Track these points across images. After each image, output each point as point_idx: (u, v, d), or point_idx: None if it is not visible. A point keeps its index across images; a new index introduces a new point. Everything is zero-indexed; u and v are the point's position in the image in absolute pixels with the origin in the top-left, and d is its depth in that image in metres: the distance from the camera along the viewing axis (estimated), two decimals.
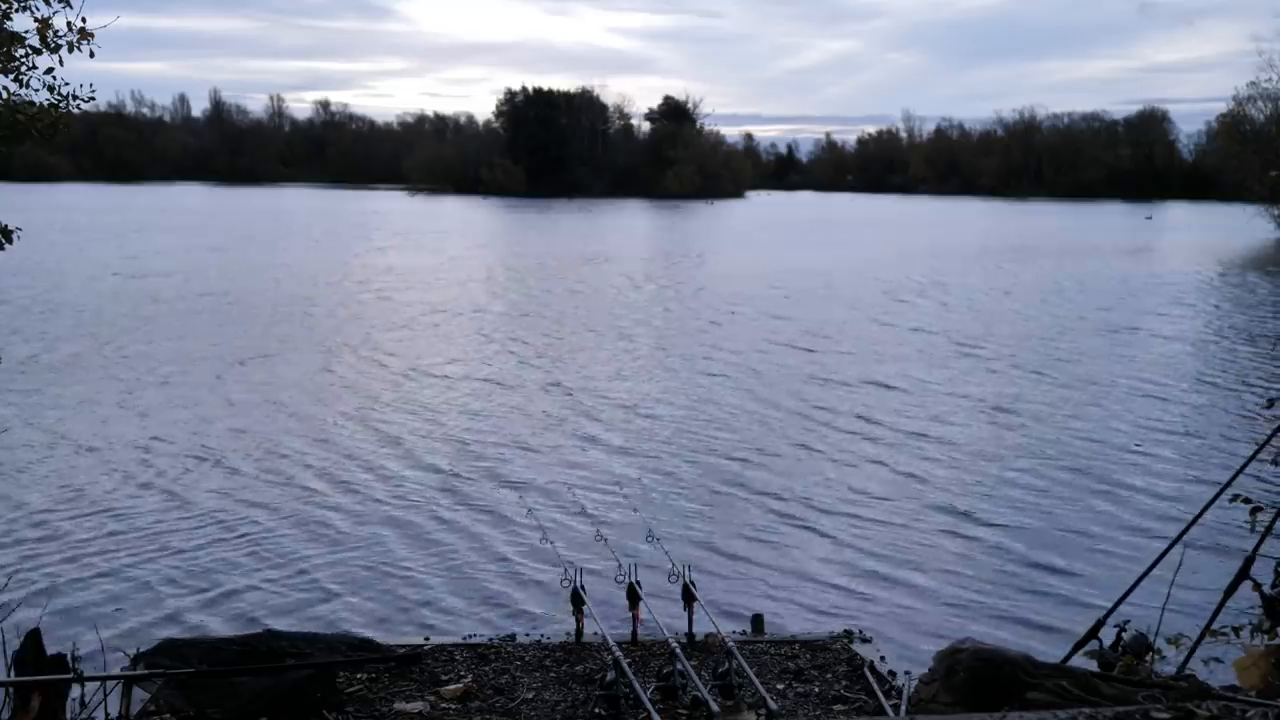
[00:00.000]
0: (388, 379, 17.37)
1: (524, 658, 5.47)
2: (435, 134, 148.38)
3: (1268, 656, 4.11)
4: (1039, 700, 3.74)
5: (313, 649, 5.15)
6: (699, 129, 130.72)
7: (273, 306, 25.77)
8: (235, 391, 16.05)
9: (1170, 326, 24.88)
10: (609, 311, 26.29)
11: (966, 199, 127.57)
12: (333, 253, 42.00)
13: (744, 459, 12.69)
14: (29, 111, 5.80)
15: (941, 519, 10.57)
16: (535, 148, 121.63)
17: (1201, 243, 57.24)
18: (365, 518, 10.34)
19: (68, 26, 5.63)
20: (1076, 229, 69.51)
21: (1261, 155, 58.06)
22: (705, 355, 20.01)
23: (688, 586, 5.69)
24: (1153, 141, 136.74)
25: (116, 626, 7.57)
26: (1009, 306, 28.13)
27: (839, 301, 28.71)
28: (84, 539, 9.56)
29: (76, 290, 27.63)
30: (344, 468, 12.07)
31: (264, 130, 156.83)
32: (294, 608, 8.20)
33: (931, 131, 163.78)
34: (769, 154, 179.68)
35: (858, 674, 5.27)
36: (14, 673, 4.26)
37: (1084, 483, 11.83)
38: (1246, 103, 64.26)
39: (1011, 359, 19.93)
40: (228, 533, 9.84)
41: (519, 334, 22.55)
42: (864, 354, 20.29)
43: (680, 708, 4.70)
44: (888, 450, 13.17)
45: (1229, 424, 14.97)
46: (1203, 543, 8.58)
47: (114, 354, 18.94)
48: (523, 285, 32.40)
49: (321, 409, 15.01)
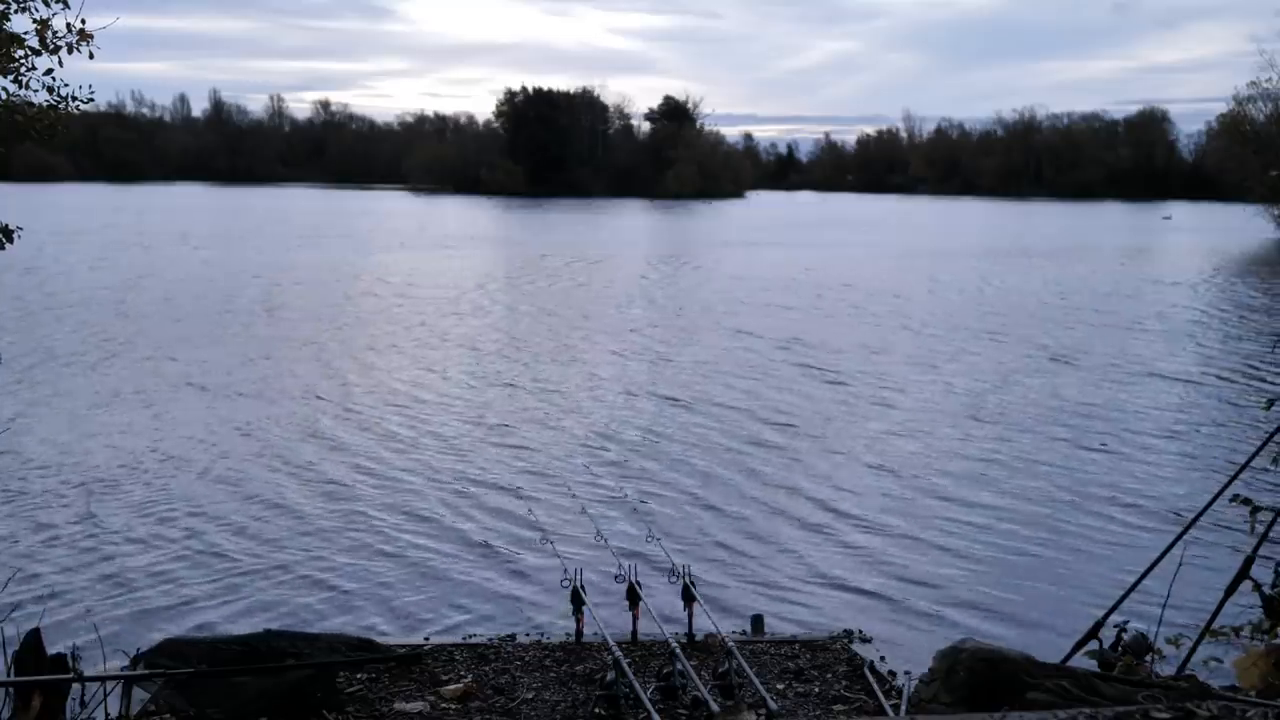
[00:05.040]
0: (386, 379, 17.36)
1: (524, 658, 5.48)
2: (435, 134, 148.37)
3: (1268, 656, 4.11)
4: (1039, 700, 3.74)
5: (313, 649, 5.15)
6: (699, 129, 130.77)
7: (273, 307, 25.78)
8: (235, 391, 16.04)
9: (1170, 326, 24.87)
10: (609, 311, 26.28)
11: (967, 199, 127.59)
12: (332, 253, 41.99)
13: (744, 459, 12.68)
14: (29, 112, 5.80)
15: (941, 519, 10.56)
16: (535, 148, 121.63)
17: (1202, 243, 57.23)
18: (364, 518, 10.33)
19: (67, 27, 5.63)
20: (1093, 230, 69.44)
21: (1261, 155, 58.07)
22: (706, 355, 20.00)
23: (688, 586, 5.70)
24: (1153, 141, 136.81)
25: (116, 626, 7.55)
26: (1010, 306, 28.13)
27: (841, 302, 28.70)
28: (84, 539, 9.55)
29: (85, 293, 27.64)
30: (342, 468, 12.06)
31: (264, 130, 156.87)
32: (294, 608, 8.19)
33: (931, 131, 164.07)
34: (769, 154, 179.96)
35: (858, 674, 5.27)
36: (14, 673, 4.26)
37: (1084, 483, 11.83)
38: (1246, 103, 64.31)
39: (1012, 359, 19.92)
40: (228, 533, 9.83)
41: (518, 334, 22.55)
42: (866, 354, 20.28)
43: (680, 708, 4.70)
44: (888, 450, 13.16)
45: (1229, 424, 14.97)
46: (1203, 543, 8.57)
47: (118, 354, 18.93)
48: (522, 285, 32.40)
49: (320, 410, 15.00)
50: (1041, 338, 22.60)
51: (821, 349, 20.70)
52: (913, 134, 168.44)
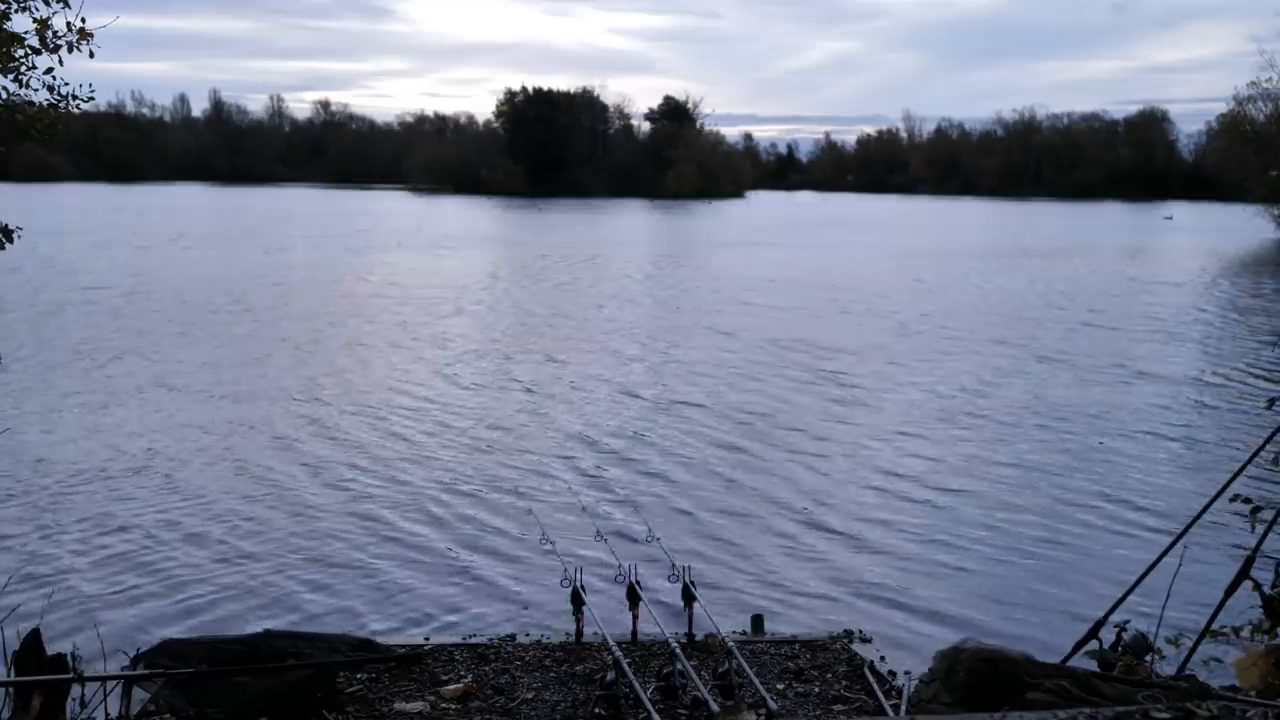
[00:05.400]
0: (386, 379, 17.35)
1: (524, 658, 5.48)
2: (435, 134, 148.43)
3: (1268, 656, 4.11)
4: (1039, 700, 3.74)
5: (313, 649, 5.16)
6: (699, 129, 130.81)
7: (272, 309, 25.78)
8: (235, 391, 16.04)
9: (1170, 326, 24.86)
10: (609, 311, 26.28)
11: (967, 199, 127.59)
12: (329, 254, 41.99)
13: (744, 458, 12.68)
14: (29, 111, 5.81)
15: (941, 519, 10.56)
16: (535, 148, 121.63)
17: (1202, 243, 57.23)
18: (365, 518, 10.32)
19: (67, 27, 5.64)
20: (1093, 230, 69.43)
21: (1261, 155, 58.08)
22: (706, 355, 20.00)
23: (688, 586, 5.70)
24: (1153, 141, 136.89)
25: (116, 626, 7.55)
26: (1010, 307, 28.12)
27: (842, 302, 28.69)
28: (84, 539, 9.55)
29: (86, 293, 27.63)
30: (343, 468, 12.06)
31: (264, 130, 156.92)
32: (294, 608, 8.19)
33: (931, 131, 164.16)
34: (769, 154, 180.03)
35: (858, 674, 5.27)
36: (14, 673, 4.26)
37: (1084, 483, 11.82)
38: (1246, 103, 64.33)
39: (1012, 360, 19.92)
40: (228, 532, 9.83)
41: (518, 334, 22.54)
42: (867, 354, 20.28)
43: (680, 708, 4.70)
44: (888, 450, 13.16)
45: (1229, 424, 14.96)
46: (1203, 543, 8.57)
47: (121, 353, 18.93)
48: (522, 285, 32.39)
49: (320, 411, 15.00)
50: (1042, 338, 22.59)
51: (824, 350, 20.69)
52: (913, 134, 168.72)
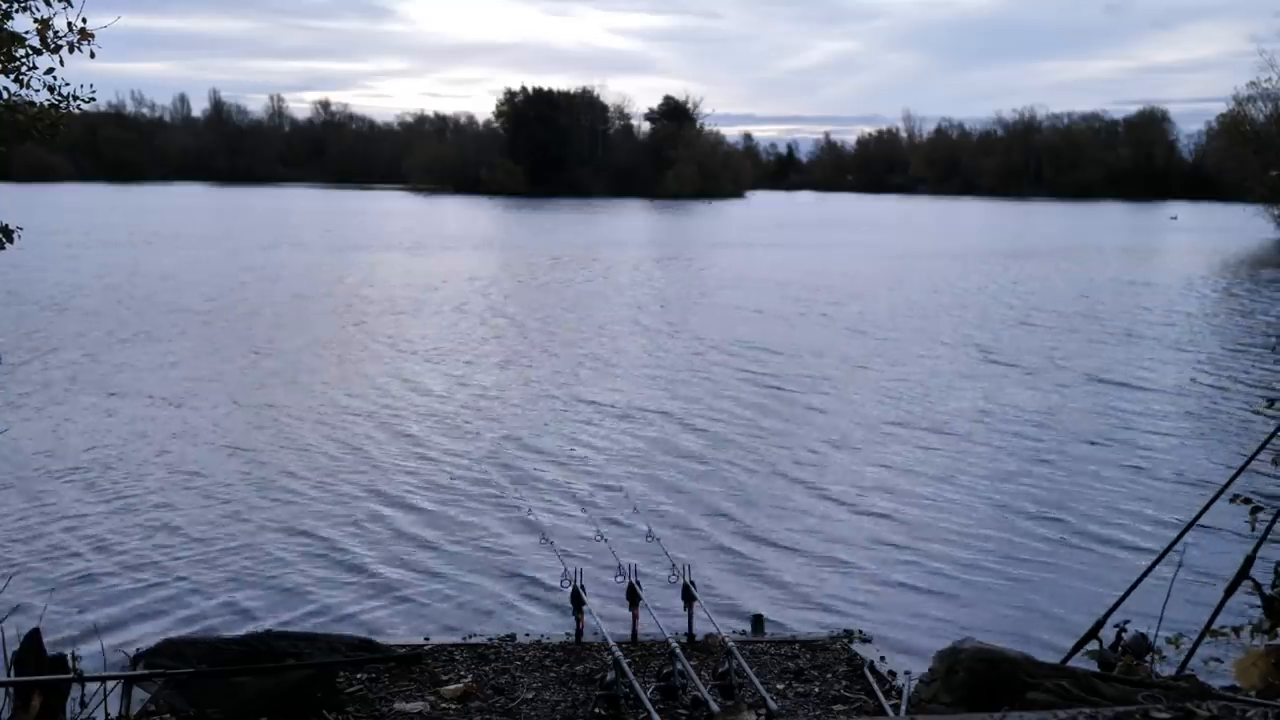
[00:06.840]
0: (385, 380, 17.36)
1: (524, 658, 5.47)
2: (435, 134, 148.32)
3: (1268, 656, 4.11)
4: (1039, 700, 3.74)
5: (313, 649, 5.16)
6: (699, 129, 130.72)
7: (274, 309, 25.78)
8: (236, 392, 16.04)
9: (1170, 326, 24.86)
10: (609, 312, 26.28)
11: (966, 199, 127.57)
12: (330, 254, 41.99)
13: (744, 459, 12.68)
14: (29, 111, 5.81)
15: (941, 519, 10.56)
16: (535, 148, 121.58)
17: (1202, 243, 57.24)
18: (365, 518, 10.33)
19: (68, 27, 5.64)
20: (1094, 230, 69.38)
21: (1261, 155, 58.07)
22: (706, 356, 20.00)
23: (688, 586, 5.69)
24: (1153, 141, 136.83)
25: (116, 626, 7.55)
26: (1011, 306, 28.12)
27: (842, 302, 28.69)
28: (84, 539, 9.55)
29: (87, 293, 27.64)
30: (343, 469, 12.06)
31: (264, 130, 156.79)
32: (294, 608, 8.19)
33: (931, 131, 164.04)
34: (768, 154, 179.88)
35: (858, 674, 5.27)
36: (14, 673, 4.25)
37: (1084, 483, 11.82)
38: (1246, 103, 64.32)
39: (1012, 360, 19.91)
40: (228, 533, 9.83)
41: (518, 334, 22.54)
42: (867, 354, 20.29)
43: (680, 708, 4.70)
44: (888, 450, 13.16)
45: (1229, 424, 14.97)
46: (1203, 543, 8.57)
47: (121, 352, 18.94)
48: (522, 285, 32.39)
49: (320, 411, 15.00)
50: (1043, 337, 22.59)
51: (826, 351, 20.70)
52: (913, 134, 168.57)
